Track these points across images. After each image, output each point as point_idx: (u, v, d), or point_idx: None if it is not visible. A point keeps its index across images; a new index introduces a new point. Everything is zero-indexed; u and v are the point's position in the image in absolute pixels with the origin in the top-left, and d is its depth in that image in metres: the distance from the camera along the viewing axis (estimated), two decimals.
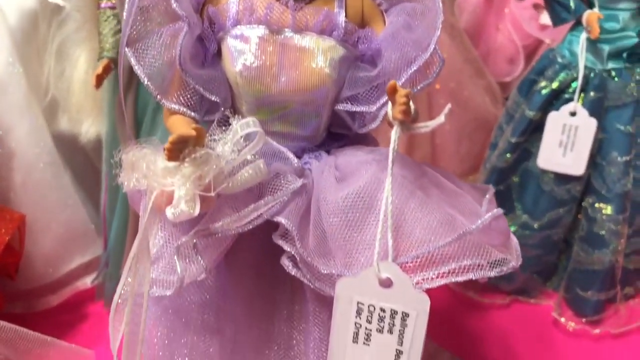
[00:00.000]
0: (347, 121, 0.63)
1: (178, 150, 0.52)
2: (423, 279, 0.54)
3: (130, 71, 0.99)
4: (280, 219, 0.55)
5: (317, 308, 0.61)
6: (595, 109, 0.98)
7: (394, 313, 0.54)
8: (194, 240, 0.57)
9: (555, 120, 0.99)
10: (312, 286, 0.57)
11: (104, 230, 1.12)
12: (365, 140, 0.66)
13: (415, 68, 0.59)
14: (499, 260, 0.56)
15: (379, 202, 0.55)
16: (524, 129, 1.02)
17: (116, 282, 1.11)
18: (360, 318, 0.55)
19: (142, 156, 0.54)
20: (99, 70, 0.96)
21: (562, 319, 1.07)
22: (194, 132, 0.53)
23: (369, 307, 0.54)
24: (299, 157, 0.62)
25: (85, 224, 1.14)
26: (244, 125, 0.54)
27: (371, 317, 0.55)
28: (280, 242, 0.56)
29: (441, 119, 0.55)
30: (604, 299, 1.05)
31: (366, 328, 0.55)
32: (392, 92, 0.54)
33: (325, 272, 0.55)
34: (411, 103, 0.55)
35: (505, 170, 1.06)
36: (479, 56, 1.30)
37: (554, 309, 1.09)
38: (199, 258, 0.57)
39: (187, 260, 0.57)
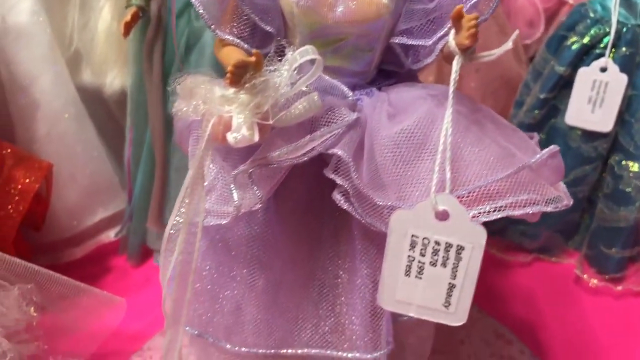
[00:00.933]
0: (401, 56, 0.63)
1: (239, 76, 0.52)
2: (480, 213, 0.54)
3: (158, 20, 0.99)
4: (336, 151, 0.55)
5: (364, 245, 0.62)
6: (627, 65, 0.97)
7: (448, 246, 0.54)
8: (250, 170, 0.56)
9: (585, 76, 0.99)
10: (362, 221, 0.57)
11: (129, 184, 1.12)
12: (414, 81, 0.66)
13: (474, 0, 0.58)
14: (553, 198, 0.56)
15: (434, 137, 0.55)
16: (553, 84, 1.02)
17: (140, 235, 1.13)
18: (413, 251, 0.55)
19: (200, 83, 0.54)
20: (128, 18, 0.95)
21: (585, 276, 1.08)
22: (254, 58, 0.52)
23: (423, 240, 0.54)
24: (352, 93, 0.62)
25: (110, 176, 1.14)
26: (302, 52, 0.53)
27: (425, 251, 0.55)
28: (333, 176, 0.56)
29: (509, 45, 0.54)
30: (627, 256, 1.06)
31: (419, 261, 0.55)
32: (458, 17, 0.53)
33: (381, 203, 0.55)
34: None
35: (533, 127, 1.05)
36: None
37: (576, 267, 1.10)
38: (255, 188, 0.57)
39: (243, 190, 0.57)
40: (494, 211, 0.55)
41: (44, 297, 0.82)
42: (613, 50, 0.97)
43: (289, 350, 0.66)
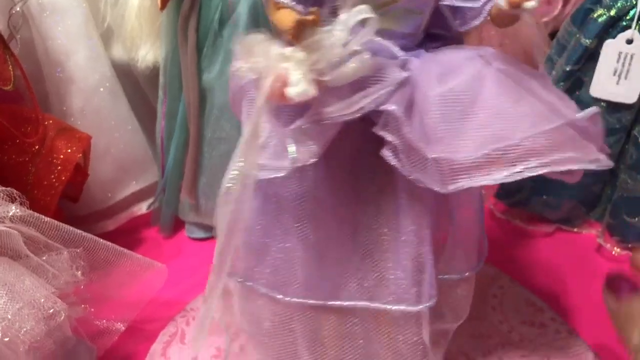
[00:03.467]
0: (449, 19, 0.65)
1: (299, 34, 0.54)
2: (525, 168, 0.57)
3: None
4: (388, 107, 0.58)
5: (409, 202, 0.64)
6: None
7: None
8: (305, 126, 0.59)
9: (611, 48, 1.01)
10: (410, 177, 0.59)
11: (162, 157, 1.14)
12: (460, 44, 0.68)
13: None
14: (595, 158, 0.58)
15: (482, 95, 0.57)
16: (579, 57, 1.04)
17: (173, 207, 1.16)
18: None
19: (258, 42, 0.56)
20: None
21: (607, 245, 1.11)
22: (312, 17, 0.54)
23: None
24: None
25: (143, 150, 1.16)
26: (357, 12, 0.55)
27: None
28: (382, 133, 0.59)
29: None
30: None
31: None
32: None
33: (431, 156, 0.57)
34: None
35: None
36: None
37: (598, 236, 1.13)
38: (309, 143, 0.60)
39: (298, 144, 0.60)
40: (539, 167, 0.57)
41: (90, 262, 0.85)
42: (639, 22, 0.99)
43: (336, 303, 0.69)
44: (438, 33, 0.67)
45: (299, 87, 0.54)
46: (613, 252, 1.10)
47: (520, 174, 0.57)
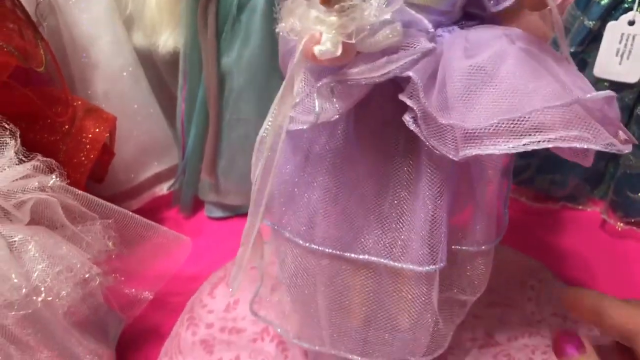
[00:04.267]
0: None
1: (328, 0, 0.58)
2: (531, 142, 0.58)
3: None
4: (409, 73, 0.62)
5: (430, 169, 0.68)
6: None
7: None
8: (332, 84, 0.63)
9: (614, 29, 1.05)
10: (427, 143, 0.63)
11: (182, 139, 1.19)
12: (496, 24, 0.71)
13: None
14: (609, 143, 0.59)
15: (502, 70, 0.60)
16: (583, 38, 1.08)
17: (192, 188, 1.21)
18: None
19: (298, 5, 0.60)
20: None
21: (611, 220, 1.15)
22: None
23: None
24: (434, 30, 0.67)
25: (165, 132, 1.21)
26: None
27: None
28: (404, 99, 0.63)
29: None
30: None
31: None
32: None
33: (443, 122, 0.61)
34: None
35: None
36: None
37: (602, 212, 1.17)
38: (335, 101, 0.63)
39: (324, 101, 0.64)
40: (543, 142, 0.58)
41: (120, 233, 0.89)
42: None
43: (352, 255, 0.73)
44: (474, 12, 0.70)
45: (323, 46, 0.58)
46: (617, 228, 1.14)
47: (525, 147, 0.58)
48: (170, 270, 0.99)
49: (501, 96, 0.60)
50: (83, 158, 0.98)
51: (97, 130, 0.98)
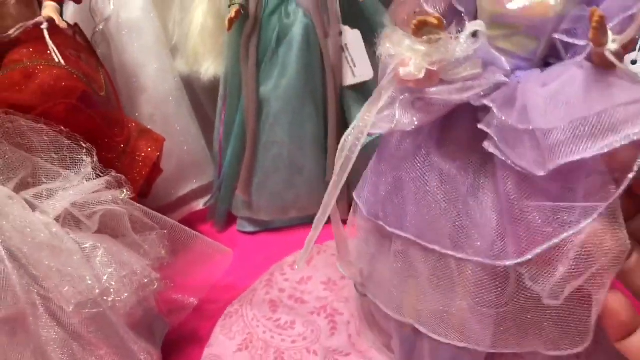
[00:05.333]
0: (561, 52, 0.74)
1: (419, 29, 0.67)
2: (614, 140, 0.61)
3: (255, 17, 1.17)
4: (484, 101, 0.70)
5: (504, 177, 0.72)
6: None
7: None
8: (413, 99, 0.72)
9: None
10: (508, 161, 0.68)
11: (220, 158, 1.29)
12: None
13: (629, 13, 0.66)
14: None
15: (570, 91, 0.65)
16: None
17: (227, 204, 1.30)
18: None
19: (395, 33, 0.70)
20: (232, 14, 1.12)
21: None
22: (435, 20, 0.67)
23: None
24: (513, 72, 0.74)
25: (204, 151, 1.31)
26: (474, 24, 0.69)
27: None
28: (482, 126, 0.70)
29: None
30: None
31: None
32: (591, 16, 0.63)
33: (521, 127, 0.66)
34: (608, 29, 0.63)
35: None
36: None
37: None
38: (413, 113, 0.73)
39: (404, 112, 0.73)
40: (627, 137, 0.61)
41: (170, 242, 0.98)
42: None
43: (423, 243, 0.80)
44: (553, 63, 0.76)
45: (408, 69, 0.69)
46: None
47: (609, 146, 0.61)
48: (212, 279, 1.08)
49: (574, 105, 0.64)
50: (136, 175, 1.07)
51: (150, 149, 1.08)
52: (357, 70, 1.19)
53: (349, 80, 1.20)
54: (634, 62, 1.15)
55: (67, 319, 0.86)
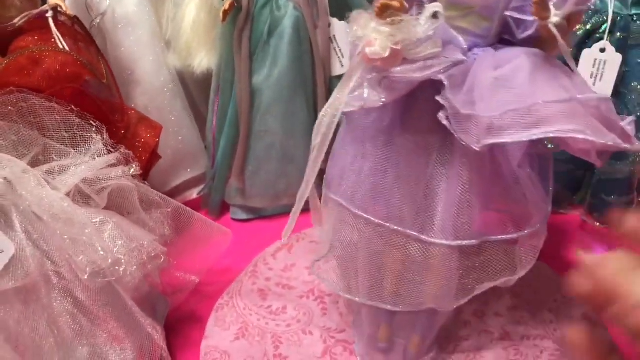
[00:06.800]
0: (513, 27, 0.83)
1: (382, 12, 0.74)
2: (534, 134, 0.72)
3: (247, 10, 1.22)
4: (441, 77, 0.77)
5: (463, 159, 0.82)
6: (621, 47, 1.21)
7: None
8: (380, 78, 0.78)
9: (588, 55, 1.23)
10: (456, 136, 0.77)
11: (213, 149, 1.33)
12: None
13: None
14: (611, 139, 0.72)
15: (518, 78, 0.75)
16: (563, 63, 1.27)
17: (221, 193, 1.34)
18: None
19: (362, 17, 0.76)
20: (226, 6, 1.17)
21: (590, 221, 1.32)
22: (397, 4, 0.74)
23: None
24: (470, 49, 0.82)
25: (198, 142, 1.35)
26: (433, 5, 0.75)
27: None
28: (438, 98, 0.77)
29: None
30: (623, 202, 1.30)
31: None
32: None
33: (463, 112, 0.75)
34: (551, 6, 0.74)
35: None
36: None
37: (581, 214, 1.34)
38: (380, 91, 0.79)
39: (372, 91, 0.79)
40: (547, 133, 0.71)
41: (173, 222, 1.02)
42: (610, 34, 1.22)
43: (392, 226, 0.87)
44: (507, 39, 0.86)
45: (373, 48, 0.75)
46: (595, 227, 1.31)
47: (532, 136, 0.72)
48: (212, 259, 1.11)
49: (512, 95, 0.75)
50: (136, 160, 1.11)
51: (149, 135, 1.11)
52: (345, 60, 1.25)
53: (338, 70, 1.26)
54: (602, 50, 1.24)
55: (78, 292, 0.89)
